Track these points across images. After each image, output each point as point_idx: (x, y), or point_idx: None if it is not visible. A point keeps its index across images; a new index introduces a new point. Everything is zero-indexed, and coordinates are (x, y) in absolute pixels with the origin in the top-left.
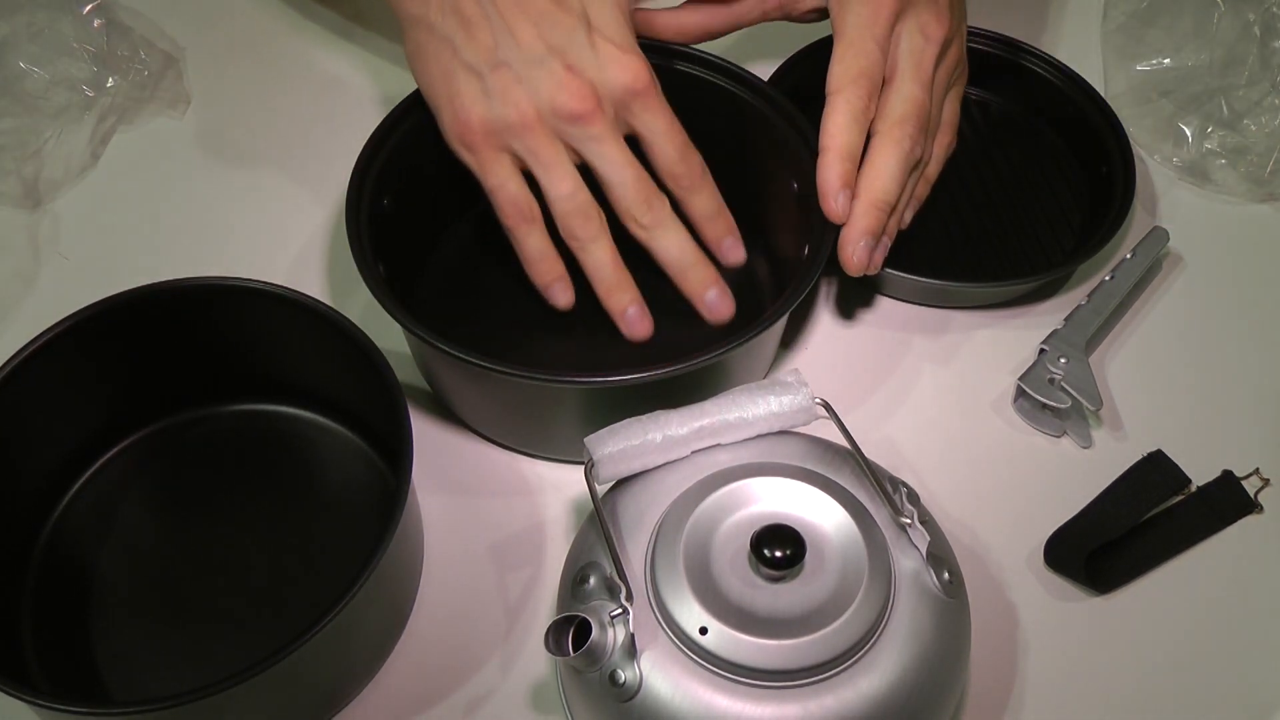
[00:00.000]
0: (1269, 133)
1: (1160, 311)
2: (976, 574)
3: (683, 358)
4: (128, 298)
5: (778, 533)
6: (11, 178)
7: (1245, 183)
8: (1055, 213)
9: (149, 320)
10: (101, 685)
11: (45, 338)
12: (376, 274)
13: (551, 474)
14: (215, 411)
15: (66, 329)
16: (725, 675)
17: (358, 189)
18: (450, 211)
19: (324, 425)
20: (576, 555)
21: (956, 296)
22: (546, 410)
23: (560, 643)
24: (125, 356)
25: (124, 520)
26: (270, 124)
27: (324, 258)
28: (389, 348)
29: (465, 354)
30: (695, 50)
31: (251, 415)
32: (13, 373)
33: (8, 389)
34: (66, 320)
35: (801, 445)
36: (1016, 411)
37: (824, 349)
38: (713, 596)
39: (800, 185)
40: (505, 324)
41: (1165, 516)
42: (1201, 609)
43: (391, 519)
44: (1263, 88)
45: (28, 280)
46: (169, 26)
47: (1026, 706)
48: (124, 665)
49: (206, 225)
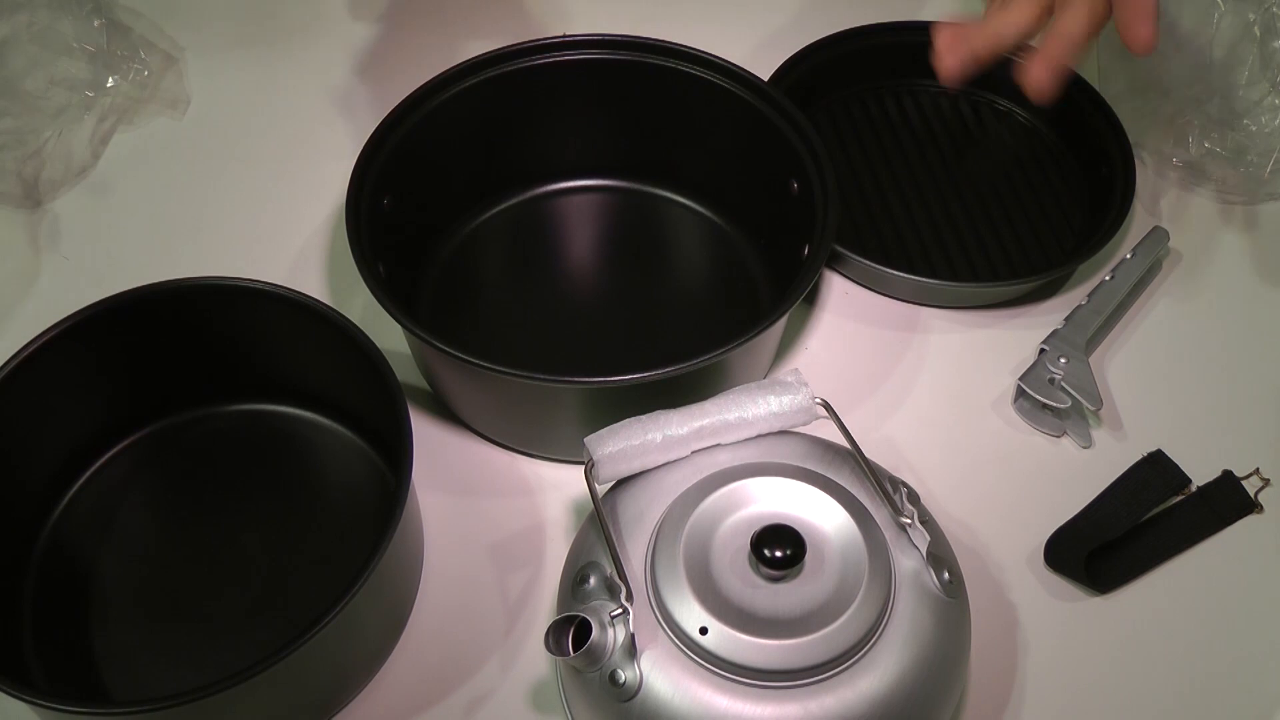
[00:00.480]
0: (1269, 133)
1: (1160, 311)
2: (976, 574)
3: (683, 358)
4: (128, 298)
5: (778, 533)
6: (11, 178)
7: (1245, 183)
8: (1055, 213)
9: (149, 320)
10: (101, 685)
11: (45, 338)
12: (376, 274)
13: (551, 474)
14: (215, 411)
15: (66, 329)
16: (725, 675)
17: (358, 189)
18: (450, 211)
19: (324, 425)
20: (576, 555)
21: (956, 296)
22: (546, 410)
23: (560, 643)
24: (125, 356)
25: (124, 520)
26: (270, 124)
27: (324, 258)
28: (389, 348)
29: (465, 354)
30: (695, 50)
31: (251, 415)
32: (13, 373)
33: (8, 389)
34: (66, 320)
35: (801, 445)
36: (1016, 411)
37: (824, 349)
38: (713, 596)
39: (800, 185)
40: (505, 324)
41: (1165, 516)
42: (1201, 609)
43: (391, 519)
44: (1263, 88)
45: (28, 280)
46: (169, 26)
47: (1026, 706)
48: (124, 665)
49: (206, 225)
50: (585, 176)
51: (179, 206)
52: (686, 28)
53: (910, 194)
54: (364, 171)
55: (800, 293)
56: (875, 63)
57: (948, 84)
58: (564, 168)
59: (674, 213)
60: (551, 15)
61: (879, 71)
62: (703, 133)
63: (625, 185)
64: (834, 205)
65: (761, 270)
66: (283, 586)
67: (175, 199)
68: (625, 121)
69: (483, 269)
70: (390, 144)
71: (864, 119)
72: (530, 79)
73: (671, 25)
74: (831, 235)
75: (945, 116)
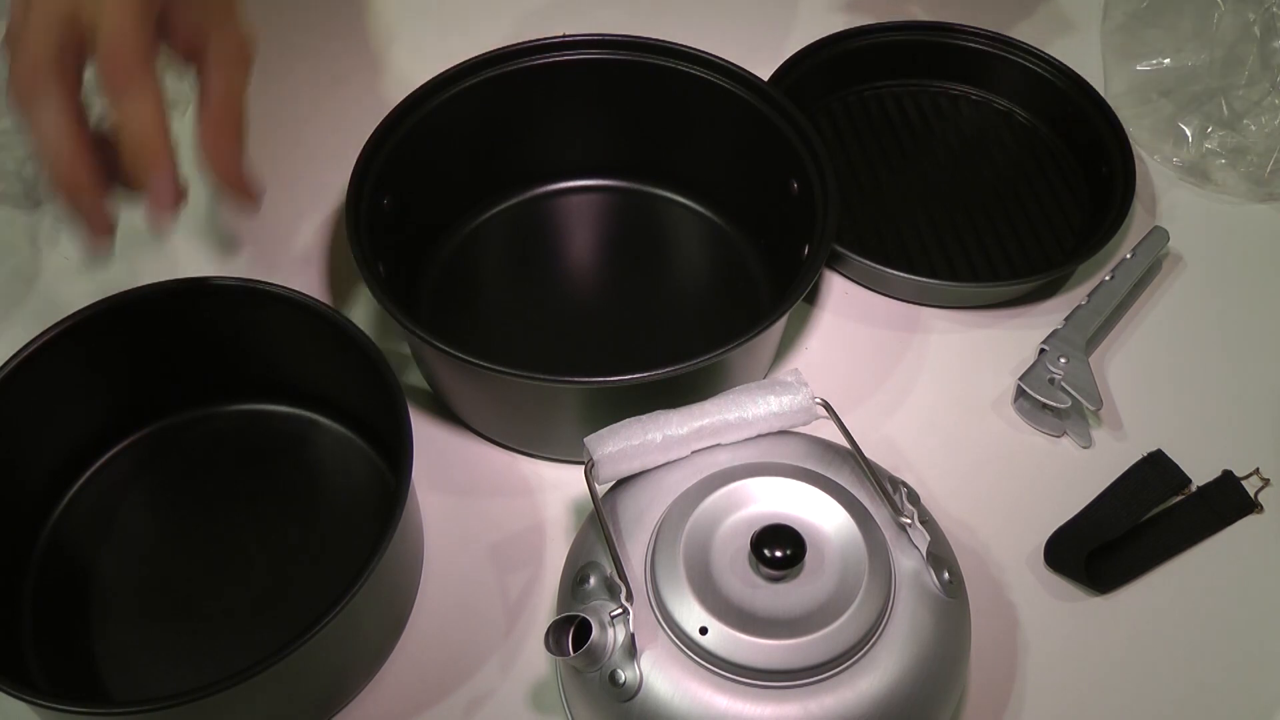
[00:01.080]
0: (1269, 133)
1: (1160, 311)
2: (976, 574)
3: (683, 358)
4: (128, 298)
5: (778, 533)
6: (11, 178)
7: (1245, 183)
8: (1055, 213)
9: (149, 320)
10: (101, 685)
11: (45, 338)
12: (376, 274)
13: (551, 474)
14: (215, 411)
15: (66, 329)
16: (725, 675)
17: (358, 189)
18: (450, 211)
19: (324, 425)
20: (576, 555)
21: (956, 296)
22: (546, 410)
23: (560, 643)
24: (125, 356)
25: (124, 520)
26: (270, 124)
27: (324, 258)
28: (389, 348)
29: (465, 354)
30: (695, 50)
31: (251, 415)
32: (13, 373)
33: (8, 389)
34: (66, 320)
35: (801, 445)
36: (1016, 411)
37: (824, 349)
38: (713, 596)
39: (800, 185)
40: (505, 324)
41: (1165, 516)
42: (1201, 609)
43: (391, 519)
44: (1263, 88)
45: (28, 280)
46: None
47: (1026, 706)
48: (124, 665)
49: (206, 225)
50: (585, 176)
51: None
52: (686, 28)
53: (910, 194)
54: (364, 171)
55: (800, 293)
56: (875, 63)
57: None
58: (564, 168)
59: (674, 213)
60: (552, 14)
61: (879, 71)
62: (703, 133)
63: (625, 185)
64: (834, 205)
65: (761, 270)
66: (283, 586)
67: None
68: (625, 121)
69: (483, 269)
70: (390, 144)
71: (864, 119)
72: (530, 79)
73: (671, 25)
74: (831, 235)
75: (945, 116)
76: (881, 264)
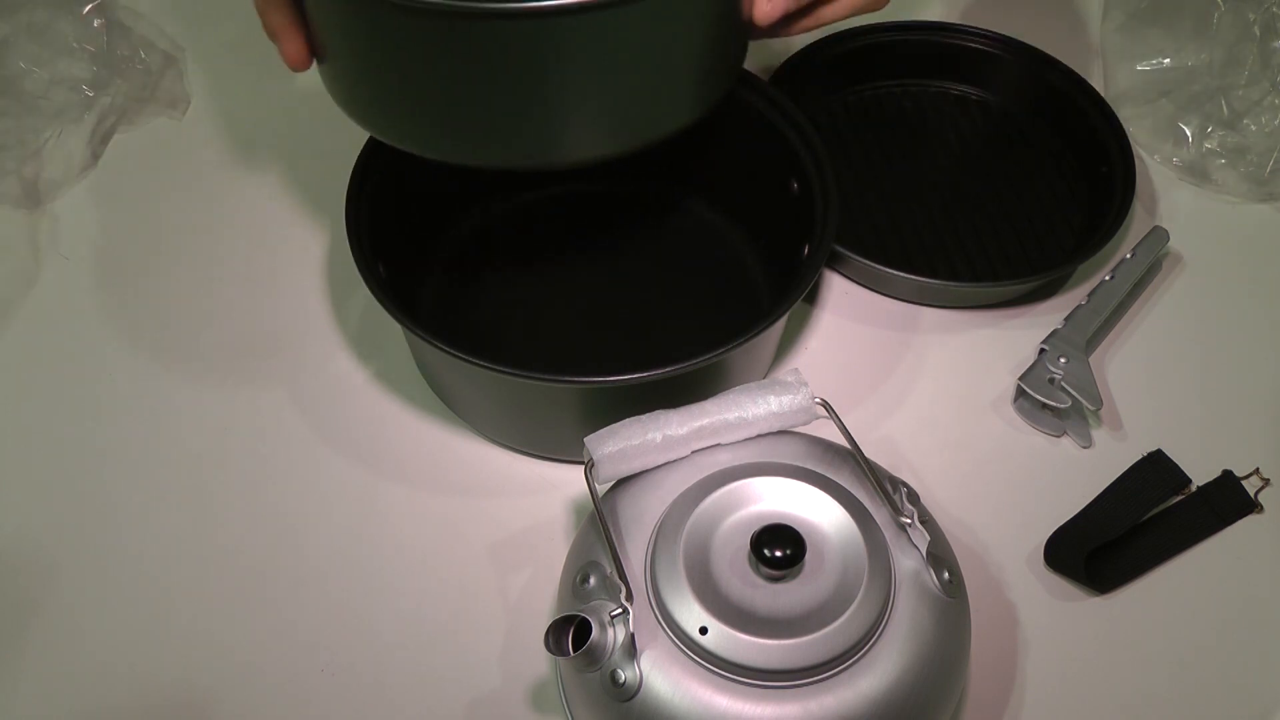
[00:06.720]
0: (1269, 133)
1: (1160, 311)
2: (976, 574)
3: (683, 358)
4: None
5: (778, 533)
6: (11, 178)
7: (1245, 183)
8: (1055, 213)
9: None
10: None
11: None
12: (376, 274)
13: (551, 474)
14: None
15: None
16: (725, 675)
17: (358, 189)
18: (450, 211)
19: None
20: (576, 555)
21: (956, 296)
22: (546, 410)
23: (560, 643)
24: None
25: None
26: (270, 124)
27: (324, 258)
28: (389, 348)
29: (465, 354)
30: None
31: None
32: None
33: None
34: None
35: (801, 445)
36: (1016, 411)
37: (824, 349)
38: (713, 596)
39: (800, 185)
40: (506, 324)
41: (1165, 516)
42: (1201, 609)
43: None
44: (1263, 88)
45: (28, 280)
46: (169, 26)
47: (1026, 706)
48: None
49: (206, 225)
50: (585, 177)
51: (179, 206)
52: None
53: (910, 194)
54: (364, 172)
55: (800, 293)
56: (875, 63)
57: (761, 24)
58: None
59: (674, 212)
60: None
61: (879, 71)
62: (703, 133)
63: (626, 185)
64: (834, 205)
65: (761, 270)
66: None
67: (175, 199)
68: None
69: (483, 269)
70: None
71: (864, 119)
72: None
73: None
74: (831, 235)
75: (945, 116)
76: (881, 264)
